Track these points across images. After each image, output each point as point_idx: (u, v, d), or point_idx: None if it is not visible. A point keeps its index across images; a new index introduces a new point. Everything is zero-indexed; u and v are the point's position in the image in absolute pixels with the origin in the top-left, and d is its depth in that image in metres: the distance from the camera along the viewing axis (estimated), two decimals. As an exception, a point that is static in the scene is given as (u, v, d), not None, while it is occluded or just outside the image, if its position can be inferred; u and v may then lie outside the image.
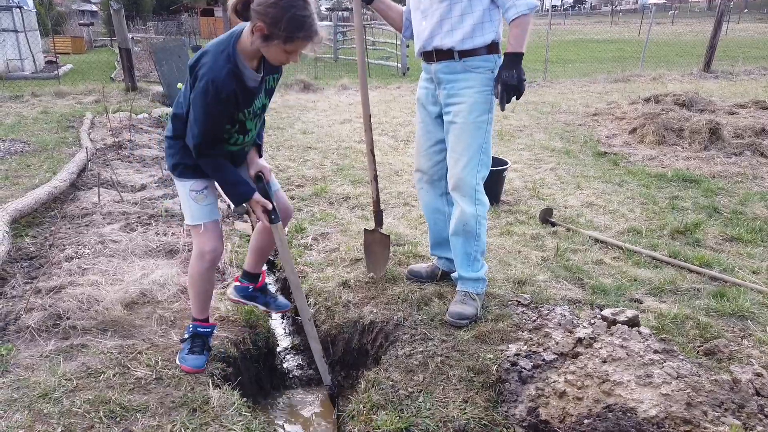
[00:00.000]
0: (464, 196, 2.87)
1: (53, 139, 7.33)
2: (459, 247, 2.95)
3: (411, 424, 2.20)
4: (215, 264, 2.54)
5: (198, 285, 2.55)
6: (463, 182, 2.85)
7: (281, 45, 2.05)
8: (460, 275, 3.00)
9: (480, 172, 2.85)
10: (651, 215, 4.53)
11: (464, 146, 2.81)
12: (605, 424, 1.93)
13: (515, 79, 2.63)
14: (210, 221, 2.45)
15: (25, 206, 4.12)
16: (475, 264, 2.97)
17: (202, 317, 2.62)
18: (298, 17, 2.00)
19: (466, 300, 2.92)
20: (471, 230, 2.89)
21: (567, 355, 2.39)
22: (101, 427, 2.15)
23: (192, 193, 2.40)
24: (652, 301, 3.13)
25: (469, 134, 2.79)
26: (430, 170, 3.09)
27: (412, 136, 7.54)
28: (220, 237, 2.53)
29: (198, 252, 2.49)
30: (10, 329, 2.76)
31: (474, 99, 2.76)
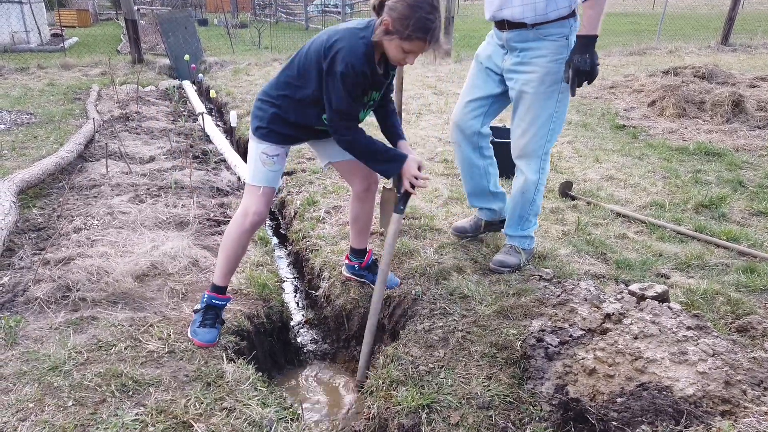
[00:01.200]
0: (530, 165, 2.91)
1: (60, 110, 7.22)
2: (514, 209, 3.06)
3: (433, 400, 2.12)
4: (255, 229, 2.49)
5: (230, 247, 2.49)
6: (530, 152, 2.88)
7: (400, 42, 2.12)
8: (508, 233, 3.12)
9: (549, 142, 2.87)
10: (674, 189, 4.39)
11: (533, 117, 2.80)
12: (640, 402, 1.84)
13: (588, 65, 2.56)
14: (269, 187, 2.45)
15: (32, 177, 4.03)
16: (525, 224, 3.07)
17: (222, 284, 2.54)
18: (423, 19, 2.08)
19: (510, 252, 3.08)
20: (528, 197, 2.97)
21: (595, 331, 2.29)
22: (113, 401, 2.08)
23: (263, 156, 2.42)
24: (679, 276, 3.01)
25: (540, 105, 2.77)
26: (465, 124, 3.07)
27: (424, 109, 7.38)
28: (269, 205, 2.52)
29: (242, 211, 2.46)
30: (18, 301, 2.69)
31: (546, 68, 2.71)
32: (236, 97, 8.30)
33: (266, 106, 2.41)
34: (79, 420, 1.98)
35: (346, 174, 2.78)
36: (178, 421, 2.01)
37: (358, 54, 2.15)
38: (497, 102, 3.02)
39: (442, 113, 7.11)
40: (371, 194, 2.79)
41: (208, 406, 2.10)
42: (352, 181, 2.78)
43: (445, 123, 6.62)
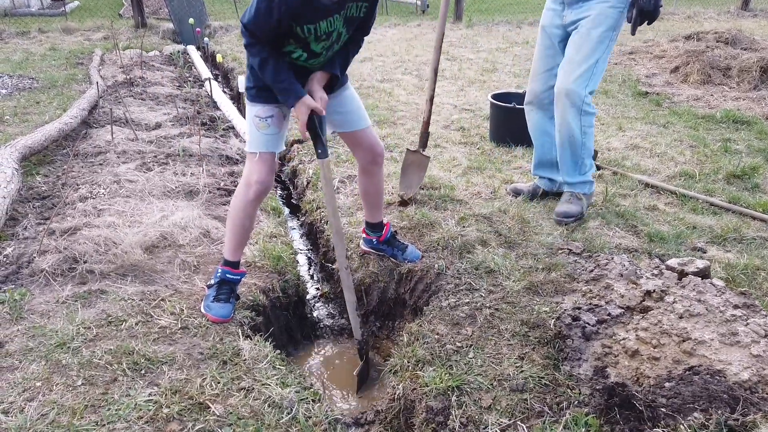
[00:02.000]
0: (571, 106, 2.94)
1: (62, 75, 7.01)
2: (566, 156, 3.10)
3: (462, 382, 1.99)
4: (260, 199, 2.35)
5: (237, 219, 2.35)
6: (572, 92, 2.91)
7: None
8: (566, 181, 3.17)
9: (590, 85, 2.93)
10: (702, 158, 4.20)
11: (582, 57, 2.87)
12: (691, 388, 1.70)
13: (652, 5, 2.68)
14: (266, 152, 2.28)
15: (35, 143, 3.87)
16: (581, 168, 3.13)
17: (234, 259, 2.41)
18: None
19: (572, 200, 3.12)
20: (576, 141, 3.02)
21: (634, 309, 2.15)
22: (125, 380, 1.97)
23: (255, 119, 2.24)
24: (716, 250, 2.86)
25: (590, 46, 2.84)
26: (541, 94, 3.18)
27: (438, 75, 7.12)
28: (272, 172, 2.34)
29: (245, 181, 2.32)
30: (23, 273, 2.57)
31: (604, 13, 2.79)
32: (243, 63, 8.05)
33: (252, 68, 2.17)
34: (89, 400, 1.87)
35: (351, 145, 2.60)
36: (194, 402, 1.90)
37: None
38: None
39: (456, 80, 6.87)
40: (378, 167, 2.62)
41: (224, 386, 1.99)
42: (357, 153, 2.60)
43: (460, 90, 6.39)
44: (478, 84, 6.62)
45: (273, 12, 1.93)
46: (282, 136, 2.35)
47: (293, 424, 1.88)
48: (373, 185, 2.67)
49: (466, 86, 6.52)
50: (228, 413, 1.87)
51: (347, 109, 2.44)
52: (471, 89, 6.38)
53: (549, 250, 2.82)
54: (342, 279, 2.46)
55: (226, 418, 1.85)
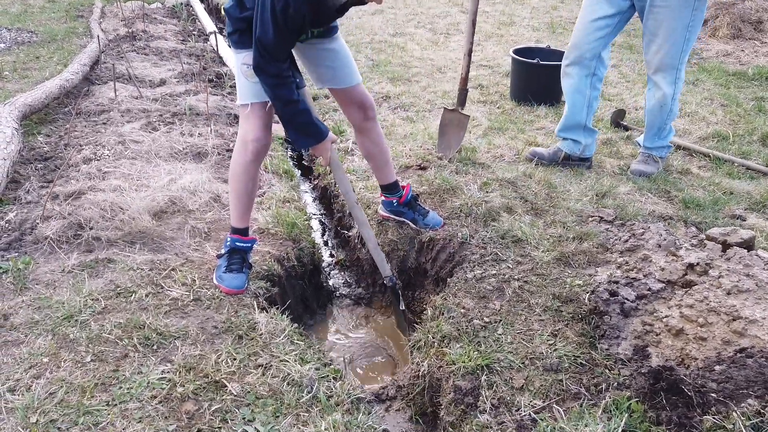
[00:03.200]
0: (666, 79, 2.87)
1: (62, 29, 6.76)
2: (653, 122, 3.04)
3: (492, 360, 1.88)
4: (260, 158, 2.21)
5: (239, 182, 2.21)
6: (666, 66, 2.83)
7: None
8: (646, 145, 3.13)
9: (684, 52, 2.80)
10: (735, 118, 3.98)
11: (668, 30, 2.71)
12: (744, 372, 1.58)
13: None
14: (258, 102, 2.10)
15: (36, 101, 3.70)
16: (663, 134, 3.08)
17: (241, 226, 2.28)
18: None
19: (648, 161, 3.11)
20: (666, 107, 2.96)
21: (676, 283, 2.01)
22: (136, 357, 1.87)
23: (243, 67, 2.05)
24: (755, 218, 2.70)
25: (674, 16, 2.68)
26: (584, 46, 2.97)
27: (451, 28, 6.82)
28: (267, 127, 2.17)
29: (240, 141, 2.17)
30: (26, 240, 2.45)
31: None
32: (249, 16, 7.74)
33: (230, 10, 2.02)
34: (99, 378, 1.78)
35: (342, 103, 2.42)
36: (210, 380, 1.80)
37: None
38: (624, 19, 2.93)
39: (471, 33, 6.55)
40: (372, 121, 2.43)
41: (241, 363, 1.88)
42: (349, 112, 2.42)
43: (477, 44, 6.10)
44: (496, 38, 6.32)
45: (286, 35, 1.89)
46: None
47: (314, 404, 1.78)
48: (374, 145, 2.50)
49: (483, 41, 6.23)
50: (245, 392, 1.78)
51: (337, 64, 2.26)
52: (488, 44, 6.09)
53: (579, 217, 2.67)
54: (354, 216, 2.32)
55: (243, 398, 1.76)
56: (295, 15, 1.83)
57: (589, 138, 3.16)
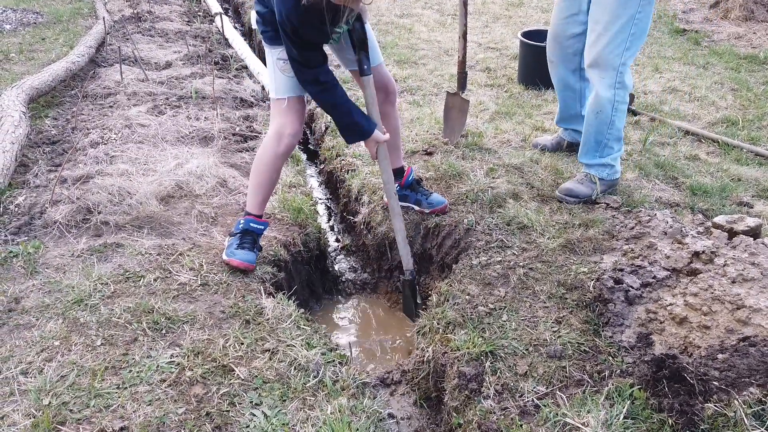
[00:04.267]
0: (603, 77, 2.52)
1: (67, 9, 6.73)
2: (589, 133, 2.68)
3: (496, 346, 1.90)
4: (290, 152, 2.26)
5: (264, 173, 2.25)
6: (603, 61, 2.50)
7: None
8: (582, 161, 2.77)
9: (628, 50, 2.47)
10: (746, 103, 3.94)
11: (610, 17, 2.42)
12: (746, 360, 1.59)
13: None
14: (295, 96, 2.16)
15: (42, 84, 3.70)
16: (603, 150, 2.68)
17: (258, 212, 2.30)
18: None
19: (584, 180, 2.70)
20: (605, 117, 2.59)
21: (681, 271, 2.01)
22: (145, 341, 1.90)
23: (279, 62, 2.10)
24: (763, 204, 2.69)
25: (618, 3, 2.39)
26: (565, 42, 2.80)
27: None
28: (302, 122, 2.24)
29: (275, 132, 2.19)
30: (36, 224, 2.48)
31: None
32: (254, -4, 7.67)
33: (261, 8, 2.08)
34: (109, 362, 1.81)
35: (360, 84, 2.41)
36: (218, 364, 1.83)
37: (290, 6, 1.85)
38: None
39: (480, 15, 6.48)
40: (392, 105, 2.46)
41: (248, 348, 1.91)
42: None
43: (485, 26, 6.04)
44: (504, 20, 6.24)
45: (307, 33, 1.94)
46: None
47: (320, 388, 1.81)
48: (389, 126, 2.46)
49: (490, 22, 6.16)
50: (253, 376, 1.81)
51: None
52: (496, 26, 6.02)
53: (585, 204, 2.66)
54: (390, 207, 2.35)
55: (251, 382, 1.79)
56: (309, 32, 1.92)
57: None
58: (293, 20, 1.87)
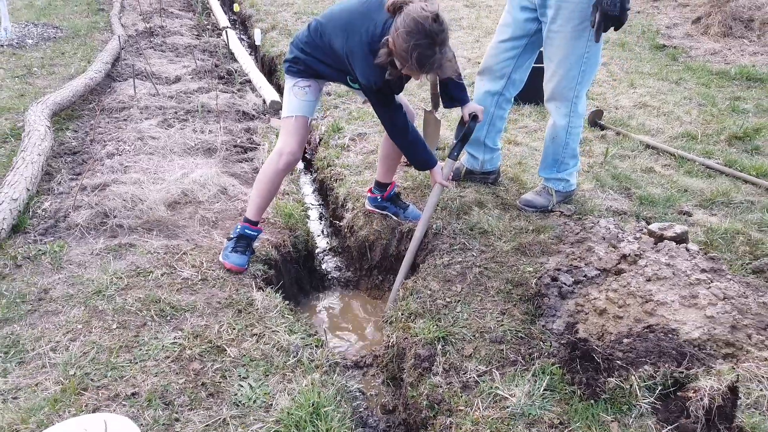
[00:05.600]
0: (558, 107, 2.82)
1: (84, 23, 7.16)
2: (548, 153, 2.99)
3: (448, 333, 2.24)
4: (289, 169, 2.59)
5: (264, 185, 2.60)
6: (558, 94, 2.79)
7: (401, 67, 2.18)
8: (542, 175, 3.07)
9: (580, 84, 2.74)
10: (708, 118, 4.26)
11: (562, 57, 2.69)
12: (645, 344, 1.93)
13: (617, 8, 2.40)
14: (301, 115, 2.54)
15: (64, 99, 4.10)
16: (560, 166, 2.99)
17: (255, 219, 2.66)
18: (421, 56, 2.08)
19: (541, 192, 3.03)
20: (560, 141, 2.89)
21: (610, 271, 2.35)
22: (153, 325, 2.26)
23: (295, 88, 2.52)
24: (702, 213, 3.01)
25: (568, 44, 2.66)
26: (494, 66, 2.97)
27: (454, 24, 7.09)
28: (303, 143, 2.60)
29: (277, 150, 2.55)
30: (60, 226, 2.86)
31: (576, 6, 2.57)
32: (260, 9, 8.07)
33: (297, 51, 2.49)
34: (123, 342, 2.17)
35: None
36: (212, 345, 2.19)
37: (373, 73, 2.25)
38: (533, 44, 2.87)
39: (473, 29, 6.84)
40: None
41: (239, 332, 2.27)
42: None
43: (476, 41, 6.39)
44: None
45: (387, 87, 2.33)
46: (316, 104, 2.62)
47: (298, 366, 2.16)
48: (395, 150, 2.81)
49: (482, 37, 6.51)
50: (242, 355, 2.16)
51: None
52: (487, 41, 6.34)
53: (542, 212, 3.00)
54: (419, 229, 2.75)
55: (240, 360, 2.14)
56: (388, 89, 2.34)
57: (488, 154, 3.19)
58: (378, 84, 2.27)
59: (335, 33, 2.35)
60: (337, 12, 2.40)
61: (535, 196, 3.03)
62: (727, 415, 1.70)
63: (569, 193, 3.07)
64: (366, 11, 2.28)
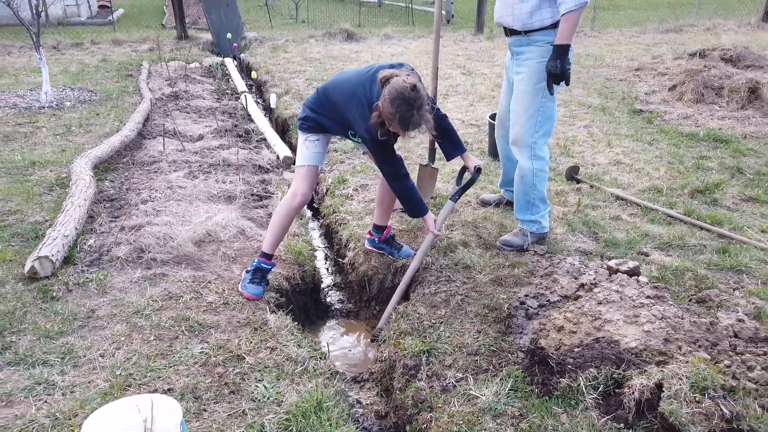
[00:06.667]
0: (521, 151, 3.36)
1: (115, 88, 7.89)
2: (519, 194, 3.48)
3: (432, 347, 2.66)
4: (301, 208, 3.08)
5: (278, 221, 3.07)
6: (520, 139, 3.34)
7: (389, 126, 2.67)
8: (517, 217, 3.54)
9: (537, 133, 3.29)
10: (675, 174, 4.75)
11: (523, 108, 3.28)
12: (591, 352, 2.33)
13: (559, 69, 2.99)
14: (312, 164, 3.04)
15: (103, 153, 4.67)
16: (532, 209, 3.45)
17: (270, 252, 3.11)
18: (403, 116, 2.59)
19: (518, 234, 3.50)
20: (528, 182, 3.38)
21: (570, 297, 2.78)
22: (183, 338, 2.69)
23: (306, 142, 3.03)
24: (658, 254, 3.44)
25: (528, 99, 3.25)
26: (507, 123, 3.56)
27: (451, 90, 7.76)
28: (313, 186, 3.10)
29: (292, 191, 3.05)
30: (104, 259, 3.33)
31: (533, 69, 3.18)
32: (275, 75, 8.82)
33: (308, 111, 3.02)
34: (159, 351, 2.60)
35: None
36: (233, 354, 2.61)
37: (371, 127, 2.71)
38: None
39: (467, 95, 7.49)
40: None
41: (255, 345, 2.69)
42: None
43: (470, 105, 7.02)
44: (488, 100, 7.23)
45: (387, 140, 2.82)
46: (324, 155, 3.12)
47: (304, 373, 2.57)
48: (390, 195, 3.33)
49: (476, 101, 7.14)
50: (258, 363, 2.57)
51: None
52: (480, 105, 7.00)
53: (519, 251, 3.45)
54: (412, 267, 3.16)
55: (256, 366, 2.55)
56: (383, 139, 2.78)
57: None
58: (374, 135, 2.74)
59: (340, 97, 2.88)
60: (341, 81, 2.95)
61: (512, 237, 3.50)
62: (653, 405, 2.10)
63: (542, 235, 3.53)
64: (364, 81, 2.81)
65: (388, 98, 2.58)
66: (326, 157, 5.26)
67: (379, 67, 2.81)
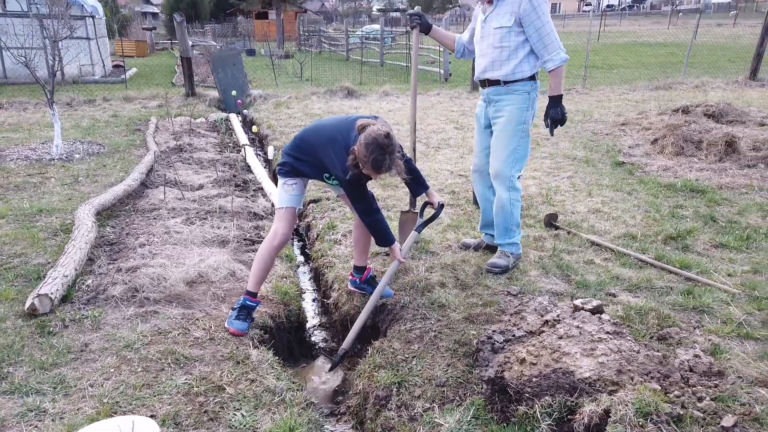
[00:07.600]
0: (501, 183, 3.80)
1: (123, 141, 8.29)
2: (499, 221, 3.92)
3: (403, 379, 2.81)
4: (281, 247, 3.30)
5: (261, 260, 3.28)
6: (500, 173, 3.79)
7: (362, 168, 2.91)
8: (498, 243, 3.97)
9: (513, 168, 3.75)
10: (651, 222, 4.95)
11: (502, 146, 3.76)
12: (548, 381, 2.48)
13: (560, 115, 3.64)
14: (290, 206, 3.28)
15: (106, 201, 4.95)
16: (510, 233, 3.93)
17: (254, 290, 3.31)
18: (375, 160, 2.84)
19: (501, 256, 3.93)
20: (506, 210, 3.83)
21: (534, 333, 2.94)
22: (169, 370, 2.86)
23: (285, 185, 3.27)
24: (625, 295, 3.61)
25: (506, 138, 3.73)
26: (481, 167, 4.04)
27: (443, 143, 8.11)
28: (292, 227, 3.34)
29: (272, 232, 3.28)
30: (100, 298, 3.53)
31: (512, 114, 3.69)
32: (276, 130, 9.24)
33: (287, 157, 3.28)
34: (145, 381, 2.76)
35: (350, 205, 3.53)
36: (215, 385, 2.76)
37: (347, 169, 2.94)
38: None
39: (458, 147, 7.83)
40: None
41: (236, 377, 2.85)
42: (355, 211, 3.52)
43: (460, 157, 7.33)
44: (477, 152, 7.54)
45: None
46: (302, 197, 3.37)
47: (281, 404, 2.72)
48: (364, 235, 3.57)
49: (465, 154, 7.46)
50: (237, 393, 2.73)
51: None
52: (469, 157, 7.30)
53: (493, 291, 3.63)
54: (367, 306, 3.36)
55: (236, 396, 2.71)
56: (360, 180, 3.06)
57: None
58: (350, 175, 2.96)
59: (320, 140, 3.13)
60: (322, 126, 3.24)
61: (497, 259, 3.90)
62: (601, 430, 2.24)
63: (519, 255, 4.00)
64: (343, 127, 3.08)
65: (363, 143, 2.85)
66: (318, 205, 5.53)
67: (358, 117, 3.10)
